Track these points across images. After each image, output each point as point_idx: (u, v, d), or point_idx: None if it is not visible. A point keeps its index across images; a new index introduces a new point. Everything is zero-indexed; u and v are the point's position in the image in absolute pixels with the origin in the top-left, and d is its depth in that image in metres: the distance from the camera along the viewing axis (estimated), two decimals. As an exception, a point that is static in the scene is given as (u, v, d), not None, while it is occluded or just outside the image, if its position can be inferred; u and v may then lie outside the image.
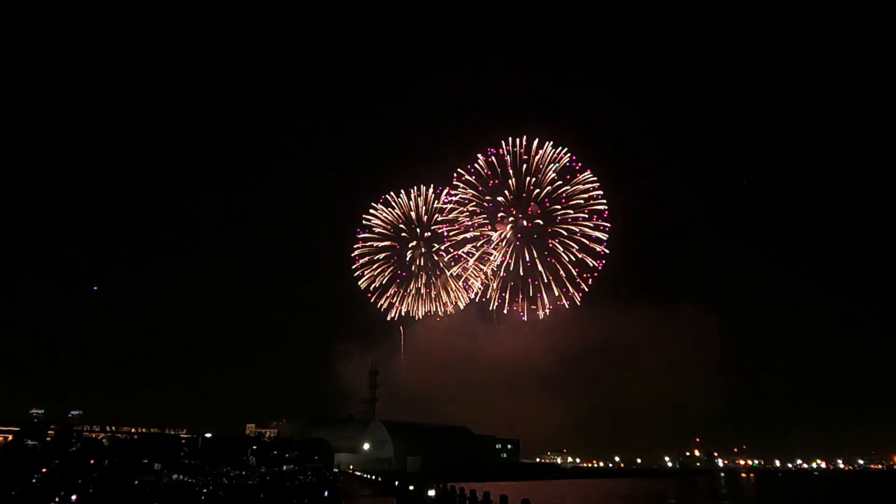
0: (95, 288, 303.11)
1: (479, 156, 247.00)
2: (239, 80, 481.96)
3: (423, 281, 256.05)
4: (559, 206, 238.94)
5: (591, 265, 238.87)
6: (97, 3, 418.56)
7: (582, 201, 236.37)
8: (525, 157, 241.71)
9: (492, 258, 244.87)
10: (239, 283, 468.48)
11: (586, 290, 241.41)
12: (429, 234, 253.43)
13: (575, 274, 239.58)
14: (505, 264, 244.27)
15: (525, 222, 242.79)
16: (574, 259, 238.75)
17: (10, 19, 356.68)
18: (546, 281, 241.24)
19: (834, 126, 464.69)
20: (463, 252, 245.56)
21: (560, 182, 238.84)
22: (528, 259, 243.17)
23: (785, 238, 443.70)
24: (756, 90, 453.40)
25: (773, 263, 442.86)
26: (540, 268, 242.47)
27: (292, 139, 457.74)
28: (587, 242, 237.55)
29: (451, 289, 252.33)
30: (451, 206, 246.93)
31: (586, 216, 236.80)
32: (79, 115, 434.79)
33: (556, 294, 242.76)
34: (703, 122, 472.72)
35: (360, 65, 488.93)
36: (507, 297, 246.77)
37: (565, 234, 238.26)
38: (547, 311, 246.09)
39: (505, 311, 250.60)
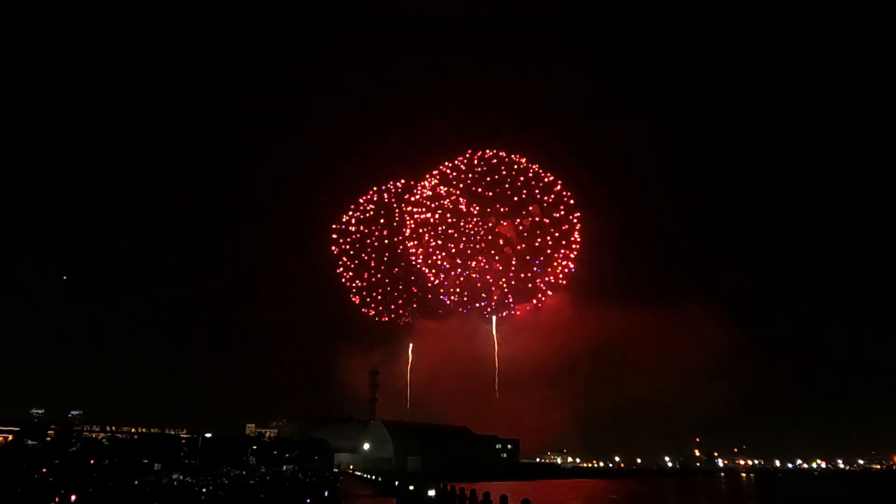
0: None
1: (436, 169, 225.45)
2: (234, 80, 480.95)
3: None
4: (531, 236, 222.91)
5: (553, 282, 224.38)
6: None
7: (558, 233, 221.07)
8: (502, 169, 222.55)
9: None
10: (239, 282, 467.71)
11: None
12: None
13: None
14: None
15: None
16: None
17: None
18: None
19: (834, 126, 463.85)
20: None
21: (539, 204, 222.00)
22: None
23: (785, 238, 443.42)
24: (756, 89, 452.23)
25: (773, 263, 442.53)
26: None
27: (292, 137, 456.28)
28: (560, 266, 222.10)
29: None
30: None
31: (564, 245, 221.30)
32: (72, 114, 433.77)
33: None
34: (704, 120, 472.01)
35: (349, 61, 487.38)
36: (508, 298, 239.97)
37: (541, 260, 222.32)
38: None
39: (504, 314, 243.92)
